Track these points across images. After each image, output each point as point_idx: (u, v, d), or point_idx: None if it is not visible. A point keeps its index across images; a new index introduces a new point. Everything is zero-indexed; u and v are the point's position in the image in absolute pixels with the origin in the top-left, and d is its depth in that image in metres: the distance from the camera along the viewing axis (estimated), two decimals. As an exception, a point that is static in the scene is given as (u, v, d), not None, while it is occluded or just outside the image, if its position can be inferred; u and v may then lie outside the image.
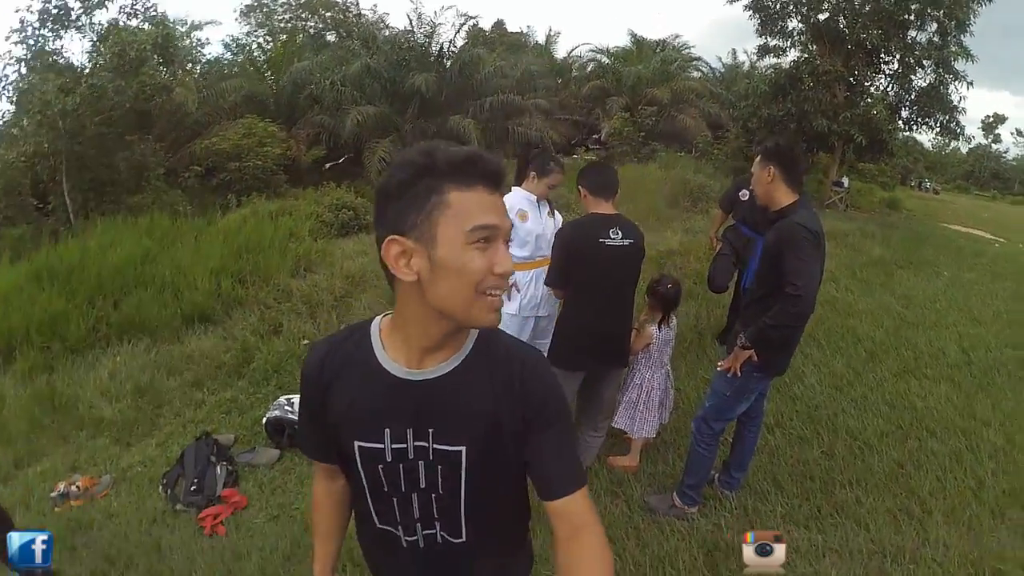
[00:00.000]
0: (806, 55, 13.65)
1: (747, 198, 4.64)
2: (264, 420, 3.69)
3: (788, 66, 13.85)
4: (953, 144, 18.80)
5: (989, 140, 49.79)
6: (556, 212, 3.78)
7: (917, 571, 2.80)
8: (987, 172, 47.86)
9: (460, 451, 1.05)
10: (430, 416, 1.04)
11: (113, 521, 3.32)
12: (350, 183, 15.04)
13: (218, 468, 3.44)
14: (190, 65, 15.51)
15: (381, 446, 1.06)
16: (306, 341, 5.11)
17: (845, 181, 14.66)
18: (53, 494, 3.48)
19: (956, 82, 12.81)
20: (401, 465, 1.07)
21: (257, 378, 4.55)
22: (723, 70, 22.40)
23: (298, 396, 3.38)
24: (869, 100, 13.01)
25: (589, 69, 21.99)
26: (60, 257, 6.15)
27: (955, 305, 6.70)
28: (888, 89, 13.73)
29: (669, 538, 2.92)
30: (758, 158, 2.69)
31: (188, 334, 5.25)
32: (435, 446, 1.05)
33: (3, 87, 11.61)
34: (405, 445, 1.06)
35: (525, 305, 3.62)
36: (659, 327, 3.31)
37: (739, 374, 2.70)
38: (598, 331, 3.02)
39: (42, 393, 4.44)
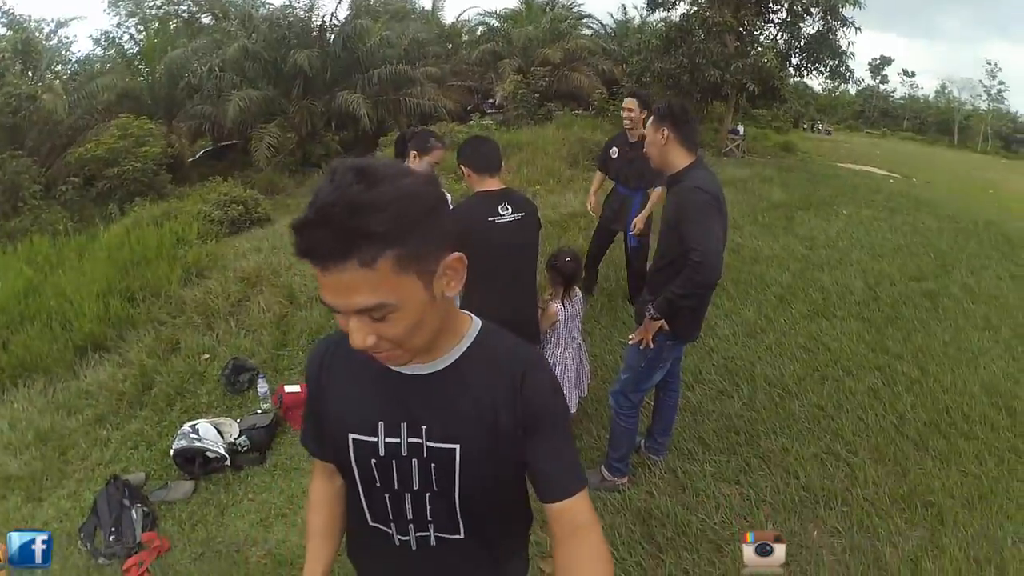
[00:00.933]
0: (695, 7, 13.89)
1: (617, 156, 4.66)
2: (171, 452, 3.43)
3: (678, 19, 14.13)
4: (843, 86, 19.99)
5: (877, 81, 53.03)
6: (447, 195, 3.63)
7: (851, 513, 2.91)
8: (876, 111, 51.21)
9: (454, 449, 1.03)
10: (423, 411, 1.03)
11: (37, 588, 3.01)
12: (239, 173, 14.38)
13: (133, 512, 3.19)
14: (59, 67, 14.29)
15: (375, 439, 1.05)
16: (206, 356, 4.79)
17: (740, 129, 15.27)
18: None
19: (844, 28, 13.47)
20: (394, 461, 1.05)
21: (160, 405, 4.22)
22: (614, 26, 22.64)
23: (201, 422, 3.19)
24: (760, 49, 13.46)
25: (479, 33, 21.74)
26: (-70, 303, 5.44)
27: (857, 243, 6.95)
28: (778, 37, 14.24)
29: (603, 513, 2.89)
30: (650, 120, 2.60)
31: (82, 366, 4.82)
32: (428, 443, 1.04)
33: None
34: (398, 440, 1.04)
35: None
36: (563, 303, 3.25)
37: (651, 345, 2.68)
38: (505, 318, 2.88)
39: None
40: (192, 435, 3.43)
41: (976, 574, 2.61)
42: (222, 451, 3.40)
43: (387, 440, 1.05)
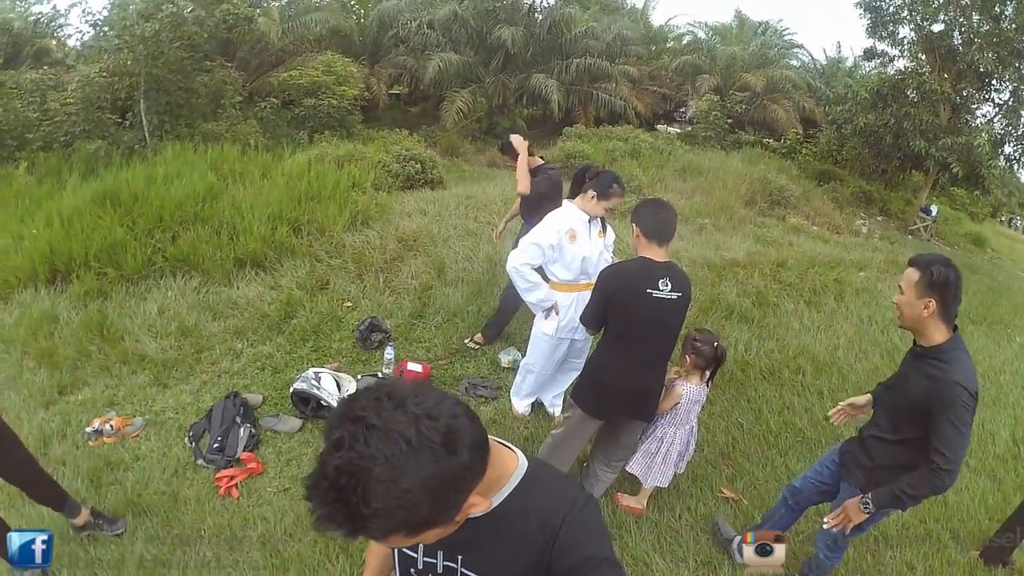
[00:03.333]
0: (914, 65, 12.71)
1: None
2: (291, 390, 3.75)
3: (893, 74, 12.90)
4: (1055, 185, 17.43)
5: None
6: (608, 229, 3.57)
7: None
8: None
9: None
10: (459, 547, 1.07)
11: (139, 464, 3.46)
12: (426, 128, 15.09)
13: (241, 429, 3.53)
14: (277, -8, 15.52)
15: (415, 555, 1.13)
16: (348, 304, 5.15)
17: (934, 209, 13.77)
18: (88, 429, 3.62)
19: None
20: (430, 574, 1.13)
21: (296, 337, 4.59)
22: (824, 63, 21.09)
23: (325, 372, 3.44)
24: (973, 128, 12.10)
25: (684, 42, 21.17)
26: (127, 183, 6.21)
27: (1021, 381, 6.04)
28: (995, 120, 12.74)
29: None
30: (916, 279, 2.21)
31: (238, 278, 5.27)
32: (463, 569, 1.09)
33: (84, 11, 11.83)
34: (435, 561, 1.11)
35: (563, 327, 3.52)
36: (692, 384, 3.11)
37: (847, 532, 2.45)
38: (630, 387, 2.88)
39: (92, 321, 4.57)
40: (314, 381, 3.72)
41: None
42: (335, 403, 3.66)
43: (425, 559, 1.12)
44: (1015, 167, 13.18)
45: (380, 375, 4.18)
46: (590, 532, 1.06)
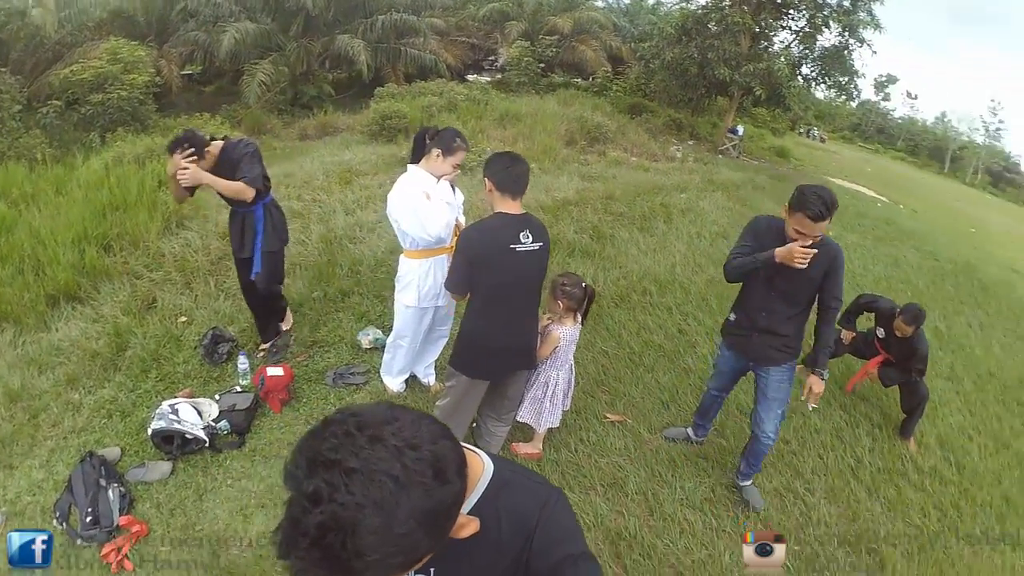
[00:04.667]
0: (715, 1, 13.68)
1: None
2: (149, 431, 3.37)
3: (696, 9, 13.87)
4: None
5: (879, 97, 53.16)
6: (457, 190, 3.47)
7: (802, 551, 3.07)
8: (873, 127, 51.31)
9: None
10: (433, 559, 0.95)
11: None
12: (227, 107, 13.93)
13: (110, 492, 3.10)
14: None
15: None
16: (184, 318, 4.67)
17: (740, 129, 15.26)
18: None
19: (860, 48, 13.42)
20: None
21: (135, 370, 4.08)
22: (628, 2, 22.19)
23: (181, 402, 3.10)
24: (772, 54, 13.40)
25: (490, -11, 21.04)
26: None
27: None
28: (792, 45, 14.14)
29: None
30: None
31: (54, 318, 4.63)
32: None
33: None
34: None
35: (424, 295, 3.44)
36: (567, 326, 3.21)
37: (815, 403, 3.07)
38: (507, 344, 2.91)
39: None
40: (171, 416, 3.37)
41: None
42: (201, 434, 3.37)
43: None
44: (811, 85, 14.82)
45: (239, 389, 3.88)
46: (565, 530, 1.05)
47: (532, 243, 2.67)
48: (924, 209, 16.63)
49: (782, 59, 12.76)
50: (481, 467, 1.04)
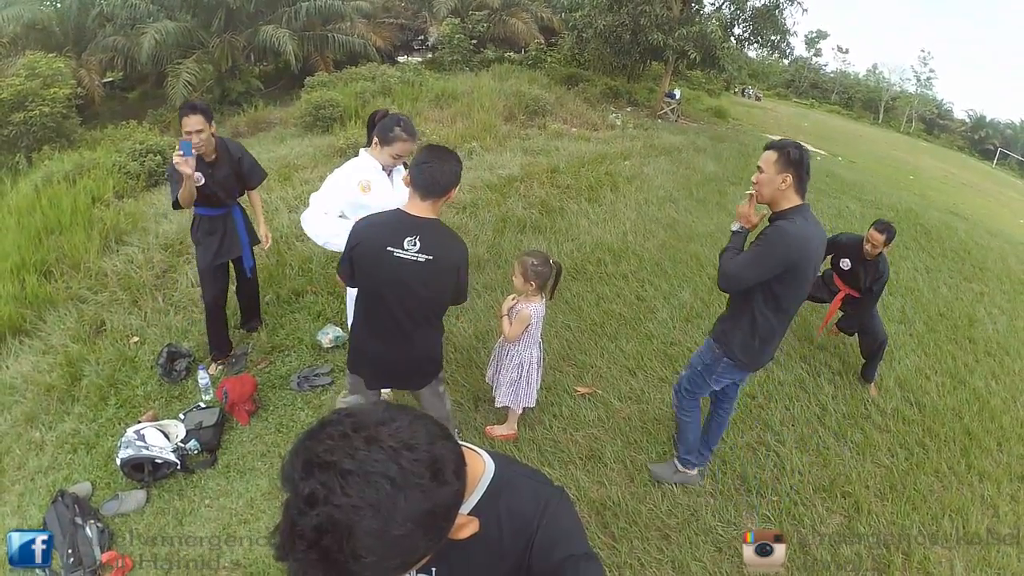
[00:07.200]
0: None
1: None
2: (118, 462, 3.26)
3: None
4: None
5: (811, 53, 53.86)
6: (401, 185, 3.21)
7: (779, 502, 3.19)
8: (807, 82, 52.24)
9: None
10: (434, 559, 0.96)
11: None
12: (153, 111, 13.35)
13: (87, 529, 3.00)
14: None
15: None
16: (136, 339, 4.50)
17: (677, 93, 15.38)
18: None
19: (791, 6, 13.63)
20: None
21: (93, 400, 3.92)
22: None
23: (147, 426, 2.99)
24: (704, 17, 13.41)
25: (415, -34, 20.59)
26: None
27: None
28: (723, 7, 14.23)
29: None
30: (774, 159, 2.52)
31: (2, 355, 4.44)
32: None
33: None
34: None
35: None
36: (536, 304, 3.17)
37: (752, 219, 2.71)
38: (382, 355, 2.55)
39: None
40: (138, 442, 3.27)
41: (887, 559, 2.94)
42: (172, 457, 3.28)
43: None
44: (744, 45, 14.95)
45: (203, 404, 3.78)
46: (566, 530, 1.04)
47: (417, 253, 2.29)
48: (862, 160, 17.09)
49: (714, 21, 12.81)
50: (482, 467, 1.04)
